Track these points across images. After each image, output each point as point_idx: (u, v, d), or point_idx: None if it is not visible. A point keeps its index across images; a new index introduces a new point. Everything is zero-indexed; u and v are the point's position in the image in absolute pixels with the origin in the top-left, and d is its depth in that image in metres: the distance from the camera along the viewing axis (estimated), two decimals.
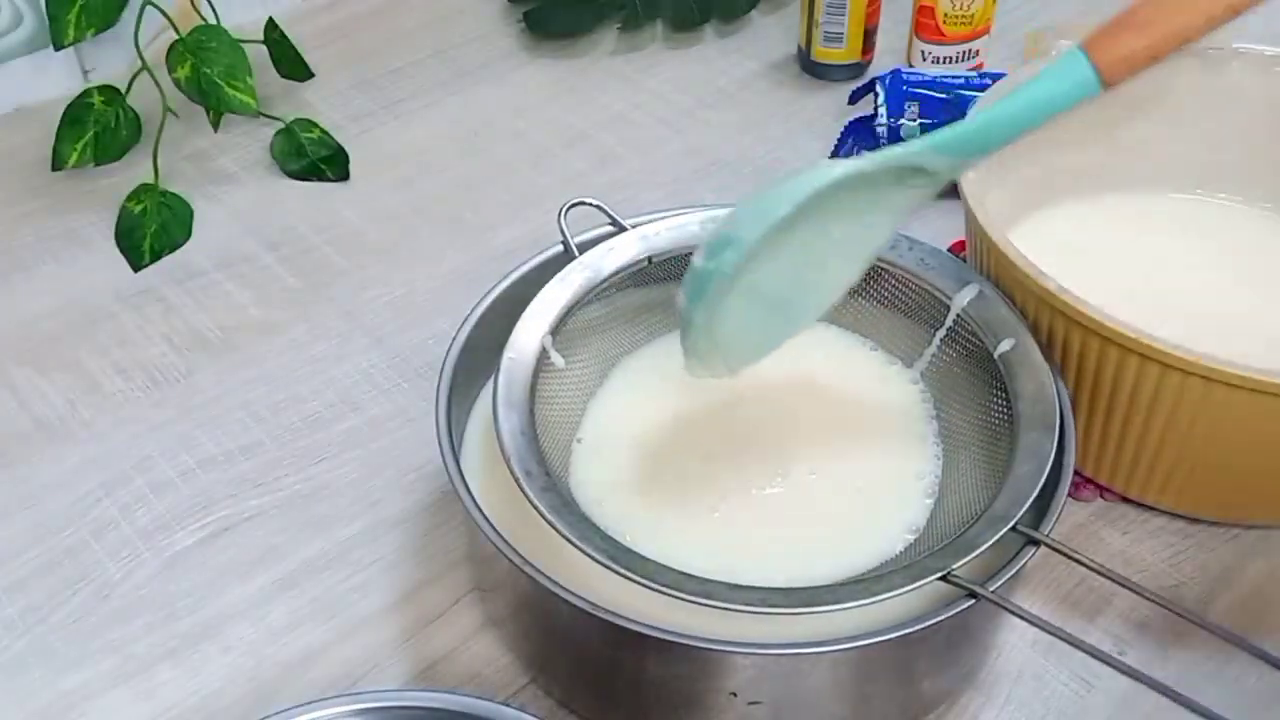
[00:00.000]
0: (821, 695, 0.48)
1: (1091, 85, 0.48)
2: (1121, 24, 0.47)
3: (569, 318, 0.56)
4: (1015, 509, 0.47)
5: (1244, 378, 0.51)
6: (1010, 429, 0.51)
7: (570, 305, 0.56)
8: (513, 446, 0.49)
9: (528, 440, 0.50)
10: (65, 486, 0.64)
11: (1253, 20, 1.00)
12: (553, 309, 0.55)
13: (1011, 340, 0.54)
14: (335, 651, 0.56)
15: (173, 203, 0.81)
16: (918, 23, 0.91)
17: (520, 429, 0.50)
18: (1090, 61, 0.47)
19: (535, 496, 0.47)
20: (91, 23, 0.80)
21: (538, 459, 0.49)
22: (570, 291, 0.56)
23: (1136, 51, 0.47)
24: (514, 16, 1.01)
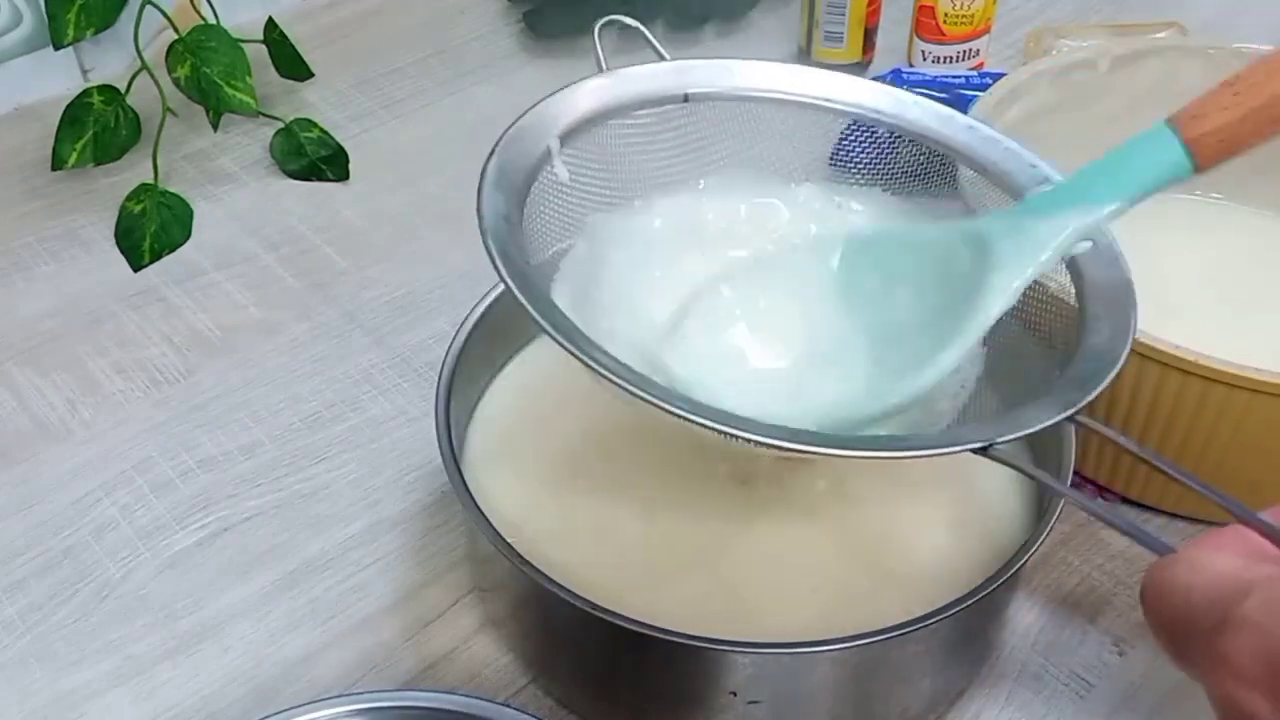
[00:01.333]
0: (821, 695, 0.48)
1: (1182, 166, 0.44)
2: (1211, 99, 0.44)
3: (584, 129, 0.50)
4: (1078, 397, 0.42)
5: (1244, 378, 0.51)
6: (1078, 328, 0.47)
7: (591, 117, 0.50)
8: (494, 226, 0.44)
9: (512, 226, 0.45)
10: (65, 486, 0.64)
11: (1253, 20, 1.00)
12: (568, 113, 0.49)
13: (1088, 242, 0.48)
14: (335, 651, 0.56)
15: (172, 203, 0.81)
16: (918, 22, 0.91)
17: (505, 214, 0.45)
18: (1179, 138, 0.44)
19: (510, 278, 0.42)
20: (91, 22, 0.80)
21: (520, 247, 0.45)
22: (594, 102, 0.50)
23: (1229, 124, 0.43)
24: (514, 16, 1.00)
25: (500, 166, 0.47)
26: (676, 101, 0.52)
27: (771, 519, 0.54)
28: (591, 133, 0.50)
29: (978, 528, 0.54)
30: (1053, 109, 0.69)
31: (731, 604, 0.51)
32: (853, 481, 0.55)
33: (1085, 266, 0.48)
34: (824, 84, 0.54)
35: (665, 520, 0.54)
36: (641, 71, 0.52)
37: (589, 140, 0.50)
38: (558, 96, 0.50)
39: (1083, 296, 0.47)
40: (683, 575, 0.52)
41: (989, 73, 0.88)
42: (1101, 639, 0.56)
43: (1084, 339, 0.46)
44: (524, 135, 0.48)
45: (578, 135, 0.50)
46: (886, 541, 0.53)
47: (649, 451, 0.57)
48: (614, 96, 0.51)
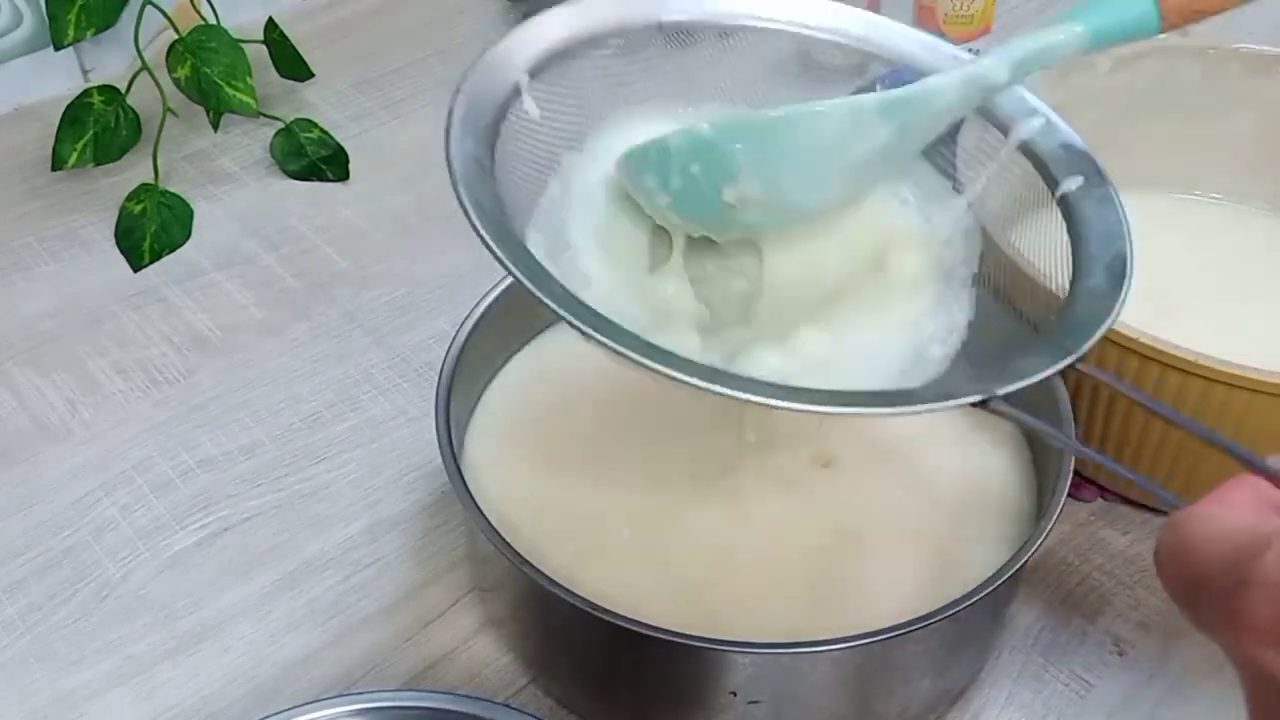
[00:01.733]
0: (821, 695, 0.48)
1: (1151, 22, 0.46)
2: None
3: (553, 63, 0.47)
4: (1075, 344, 0.41)
5: (1244, 378, 0.51)
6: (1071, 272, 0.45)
7: (561, 49, 0.47)
8: (464, 173, 0.42)
9: (483, 172, 0.43)
10: (65, 486, 0.64)
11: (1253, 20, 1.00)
12: (538, 45, 0.46)
13: (1079, 178, 0.47)
14: (335, 651, 0.56)
15: (172, 203, 0.81)
16: (918, 22, 0.91)
17: (476, 156, 0.43)
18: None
19: (483, 227, 0.40)
20: (91, 22, 0.80)
21: (493, 193, 0.42)
22: (563, 33, 0.47)
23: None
24: (514, 16, 1.00)
25: (467, 105, 0.44)
26: (650, 30, 0.50)
27: (772, 519, 0.54)
28: (562, 66, 0.48)
29: (977, 528, 0.54)
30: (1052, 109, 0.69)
31: (732, 603, 0.51)
32: (853, 481, 0.55)
33: (1077, 206, 0.46)
34: (802, 10, 0.53)
35: (666, 520, 0.54)
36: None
37: (559, 74, 0.48)
38: (524, 27, 0.47)
39: (1076, 238, 0.46)
40: (683, 575, 0.52)
41: None
42: (1101, 639, 0.56)
43: (1078, 281, 0.44)
44: (491, 71, 0.45)
45: (548, 69, 0.47)
46: (887, 541, 0.53)
47: (649, 451, 0.57)
48: (585, 25, 0.48)
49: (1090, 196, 0.47)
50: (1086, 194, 0.47)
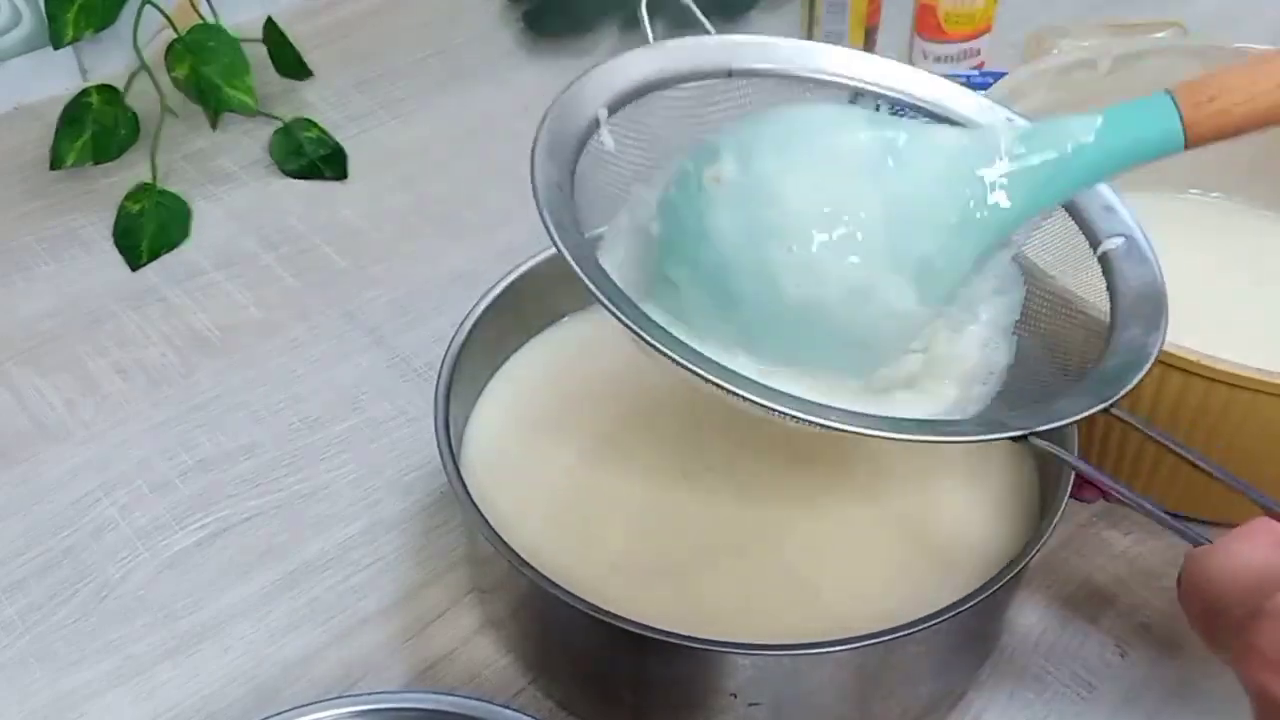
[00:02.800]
0: (822, 695, 0.48)
1: (1175, 139, 0.43)
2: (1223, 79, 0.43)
3: (630, 99, 0.51)
4: (1112, 391, 0.43)
5: (1246, 378, 0.51)
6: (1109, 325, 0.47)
7: (637, 88, 0.51)
8: (546, 196, 0.45)
9: (564, 196, 0.46)
10: (65, 486, 0.64)
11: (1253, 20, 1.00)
12: (617, 83, 0.50)
13: (1119, 239, 0.49)
14: (334, 652, 0.56)
15: (171, 202, 0.81)
16: (919, 21, 0.91)
17: (558, 182, 0.46)
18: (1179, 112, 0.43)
19: (566, 247, 0.43)
20: (90, 22, 0.80)
21: (572, 216, 0.46)
22: (640, 74, 0.51)
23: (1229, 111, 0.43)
24: (514, 16, 1.00)
25: (551, 134, 0.47)
26: (720, 76, 0.52)
27: (772, 519, 0.54)
28: (637, 104, 0.50)
29: (979, 528, 0.54)
30: (1053, 109, 0.69)
31: (733, 604, 0.51)
32: (851, 486, 0.55)
33: (1117, 263, 0.48)
34: (866, 67, 0.54)
35: (666, 520, 0.54)
36: (688, 44, 0.52)
37: (634, 111, 0.50)
38: (605, 66, 0.50)
39: (1115, 293, 0.48)
40: (683, 575, 0.52)
41: (989, 72, 0.88)
42: (1103, 640, 0.56)
43: (1116, 334, 0.46)
44: (571, 104, 0.49)
45: (624, 105, 0.50)
46: (889, 541, 0.53)
47: (649, 452, 0.56)
48: (660, 68, 0.51)
49: (1130, 257, 0.49)
50: (1127, 254, 0.49)
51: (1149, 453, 0.57)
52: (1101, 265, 0.49)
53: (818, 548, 0.53)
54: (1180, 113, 0.43)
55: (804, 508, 0.54)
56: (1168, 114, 0.43)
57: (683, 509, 0.54)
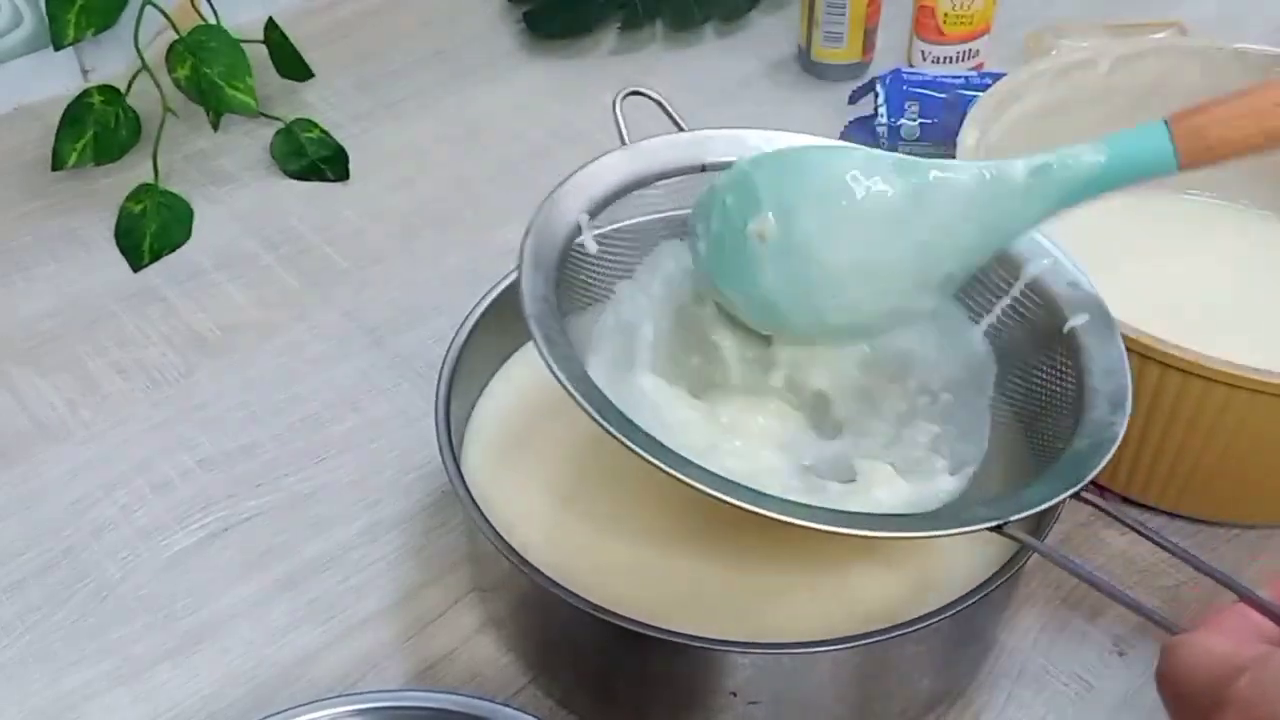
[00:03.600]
0: (821, 695, 0.48)
1: (1168, 162, 0.46)
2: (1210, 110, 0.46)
3: (610, 202, 0.52)
4: (1079, 476, 0.44)
5: (1244, 378, 0.51)
6: (1076, 403, 0.48)
7: (615, 190, 0.52)
8: (535, 309, 0.46)
9: (550, 307, 0.47)
10: (65, 486, 0.64)
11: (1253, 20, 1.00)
12: (595, 187, 0.52)
13: (1085, 315, 0.50)
14: (335, 652, 0.56)
15: (172, 203, 0.81)
16: (918, 22, 0.91)
17: (544, 294, 0.47)
18: (1172, 138, 0.45)
19: (555, 363, 0.44)
20: (91, 22, 0.80)
21: (559, 328, 0.47)
22: (617, 176, 0.52)
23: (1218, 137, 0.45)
24: (514, 16, 1.00)
25: (535, 246, 0.49)
26: (694, 171, 0.54)
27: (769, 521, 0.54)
28: (616, 204, 0.52)
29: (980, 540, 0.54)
30: (1053, 109, 0.69)
31: (732, 604, 0.51)
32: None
33: (1082, 339, 0.50)
34: None
35: (665, 520, 0.54)
36: (660, 143, 0.54)
37: (614, 212, 0.52)
38: (582, 172, 0.52)
39: (1081, 371, 0.49)
40: (683, 575, 0.52)
41: (989, 73, 0.88)
42: (1102, 639, 0.56)
43: (1085, 413, 0.47)
44: (554, 211, 0.50)
45: (604, 207, 0.52)
46: (888, 541, 0.53)
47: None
48: (636, 168, 0.53)
49: (1094, 331, 0.50)
50: (1090, 329, 0.50)
51: (1148, 453, 0.57)
52: (1068, 344, 0.50)
53: (819, 546, 0.53)
54: (1174, 142, 0.45)
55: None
56: (1163, 143, 0.46)
57: (684, 507, 0.54)
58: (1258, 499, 0.58)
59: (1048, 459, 0.47)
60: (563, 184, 0.51)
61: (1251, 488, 0.57)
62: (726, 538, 0.53)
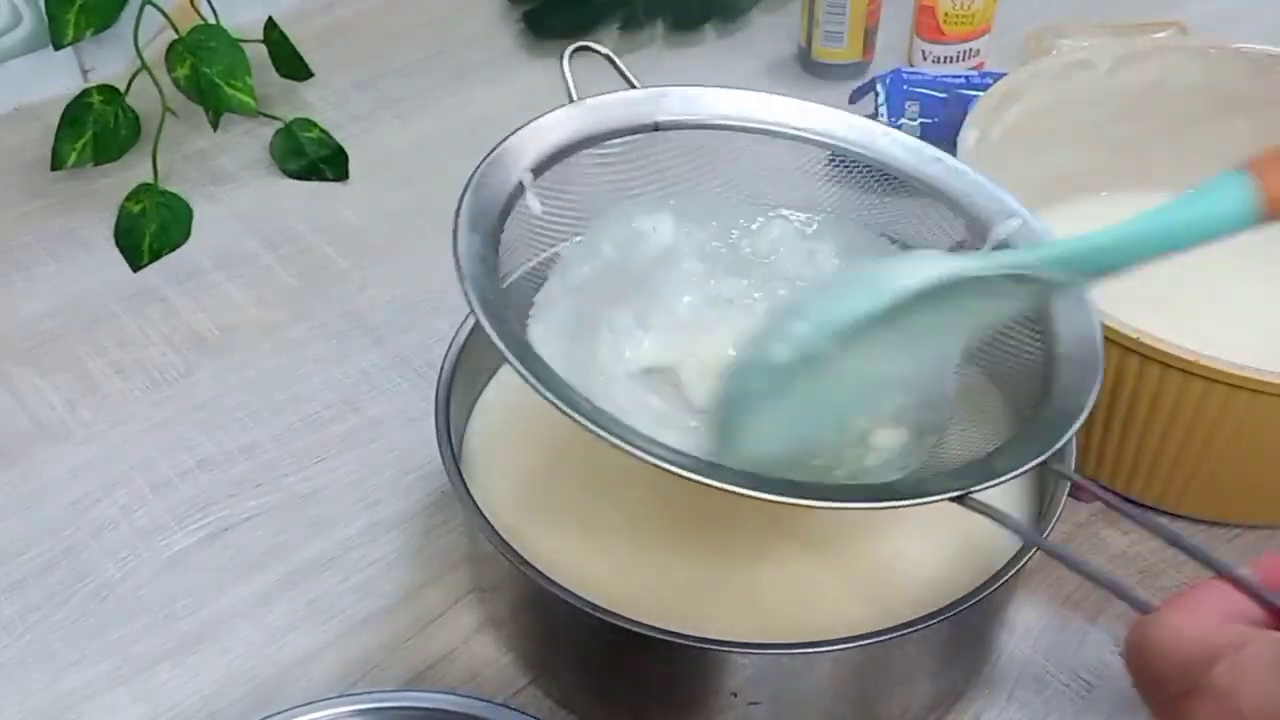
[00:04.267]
0: (821, 695, 0.48)
1: (1251, 216, 0.41)
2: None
3: (555, 161, 0.49)
4: (1047, 445, 0.43)
5: (1244, 378, 0.51)
6: (1044, 371, 0.47)
7: (560, 148, 0.49)
8: (471, 269, 0.44)
9: (488, 269, 0.45)
10: (65, 486, 0.64)
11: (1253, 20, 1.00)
12: (541, 144, 0.49)
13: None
14: (335, 652, 0.56)
15: (172, 203, 0.81)
16: (918, 22, 0.91)
17: (481, 255, 0.45)
18: (1256, 189, 0.40)
19: (492, 327, 0.42)
20: (91, 22, 0.80)
21: (497, 289, 0.44)
22: (562, 133, 0.50)
23: None
24: (514, 16, 1.00)
25: (474, 205, 0.46)
26: (647, 130, 0.52)
27: (770, 519, 0.54)
28: (563, 164, 0.50)
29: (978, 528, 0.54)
30: (1053, 109, 0.69)
31: (732, 604, 0.51)
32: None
33: (1054, 309, 0.48)
34: (793, 113, 0.54)
35: (665, 520, 0.54)
36: (611, 100, 0.52)
37: (560, 171, 0.50)
38: (527, 128, 0.49)
39: (1050, 338, 0.47)
40: (682, 575, 0.52)
41: (989, 73, 0.88)
42: (1102, 639, 0.56)
43: (1053, 381, 0.46)
44: (495, 171, 0.48)
45: (549, 167, 0.49)
46: (886, 539, 0.53)
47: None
48: (585, 126, 0.51)
49: (1067, 297, 0.48)
50: (1064, 294, 0.48)
51: (1147, 453, 0.57)
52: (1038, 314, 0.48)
53: (820, 546, 0.53)
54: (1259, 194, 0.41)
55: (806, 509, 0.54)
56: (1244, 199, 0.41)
57: (684, 507, 0.54)
58: (1258, 499, 0.58)
59: (1016, 429, 0.45)
60: (505, 141, 0.48)
61: (1251, 488, 0.57)
62: (727, 538, 0.53)
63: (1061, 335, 0.48)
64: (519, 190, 0.48)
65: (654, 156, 0.53)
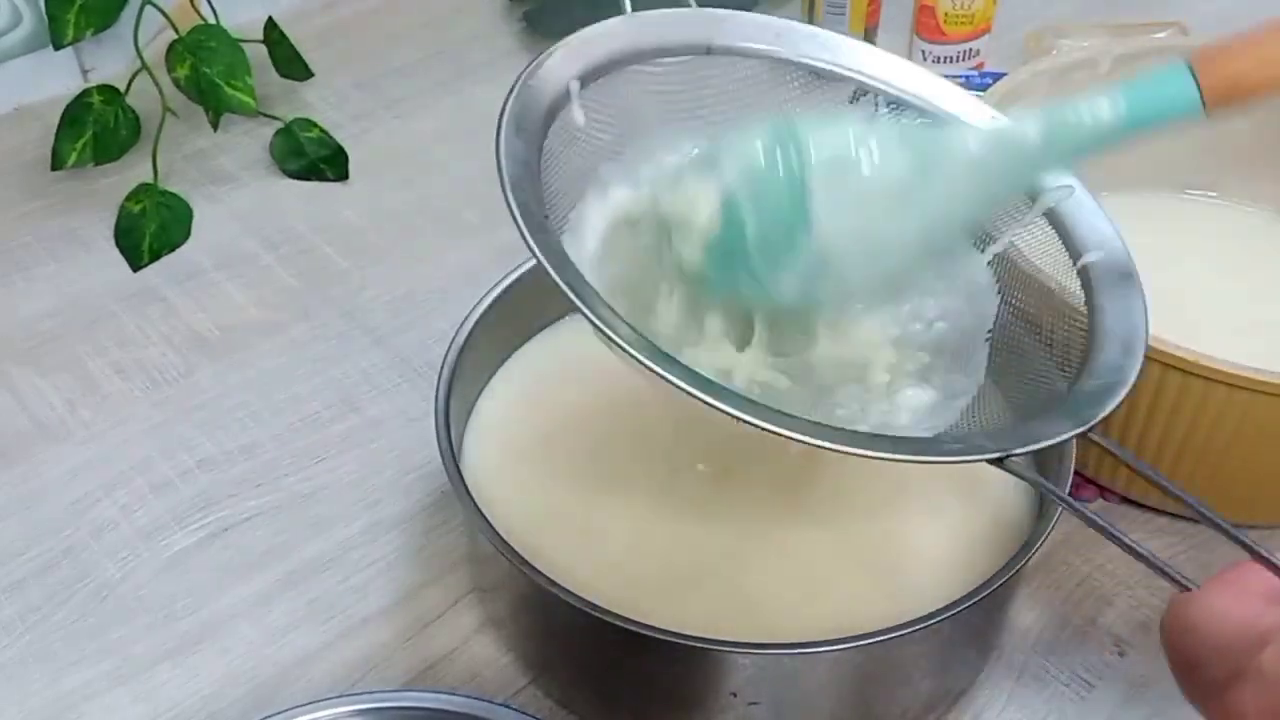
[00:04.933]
0: (821, 695, 0.48)
1: (1193, 106, 0.41)
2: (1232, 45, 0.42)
3: (604, 73, 0.48)
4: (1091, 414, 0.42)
5: (1245, 379, 0.51)
6: (1084, 343, 0.46)
7: (611, 60, 0.48)
8: (513, 173, 0.42)
9: (531, 173, 0.43)
10: (65, 486, 0.64)
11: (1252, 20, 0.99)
12: (591, 53, 0.47)
13: (1100, 252, 0.48)
14: (335, 652, 0.56)
15: (172, 203, 0.81)
16: (918, 22, 0.91)
17: (525, 159, 0.43)
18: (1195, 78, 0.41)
19: (530, 233, 0.40)
20: (91, 22, 0.80)
21: (538, 198, 0.43)
22: (615, 44, 0.48)
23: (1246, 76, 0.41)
24: (514, 16, 1.00)
25: (520, 107, 0.44)
26: (699, 53, 0.50)
27: (770, 520, 0.54)
28: (609, 78, 0.48)
29: (978, 528, 0.54)
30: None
31: (732, 604, 0.51)
32: (851, 483, 0.55)
33: (1096, 279, 0.47)
34: (855, 56, 0.52)
35: (665, 521, 0.54)
36: (666, 16, 0.50)
37: (609, 85, 0.48)
38: (577, 37, 0.48)
39: (1094, 310, 0.46)
40: (682, 575, 0.52)
41: (989, 73, 0.88)
42: (1102, 639, 0.56)
43: (1095, 354, 0.45)
44: (544, 75, 0.46)
45: (596, 79, 0.48)
46: (886, 541, 0.53)
47: (649, 451, 0.56)
48: (635, 41, 0.49)
49: (1108, 269, 0.47)
50: (1107, 269, 0.47)
51: (1148, 453, 0.57)
52: (1081, 280, 0.48)
53: (820, 545, 0.53)
54: (1199, 84, 0.41)
55: (806, 504, 0.54)
56: (1186, 86, 0.41)
57: (684, 507, 0.54)
58: (1258, 499, 0.58)
59: (1052, 399, 0.44)
60: (554, 49, 0.47)
61: (1252, 488, 0.57)
62: (728, 538, 0.53)
63: (1106, 305, 0.46)
64: (564, 98, 0.46)
65: (705, 80, 0.50)
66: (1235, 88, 0.41)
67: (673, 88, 0.50)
